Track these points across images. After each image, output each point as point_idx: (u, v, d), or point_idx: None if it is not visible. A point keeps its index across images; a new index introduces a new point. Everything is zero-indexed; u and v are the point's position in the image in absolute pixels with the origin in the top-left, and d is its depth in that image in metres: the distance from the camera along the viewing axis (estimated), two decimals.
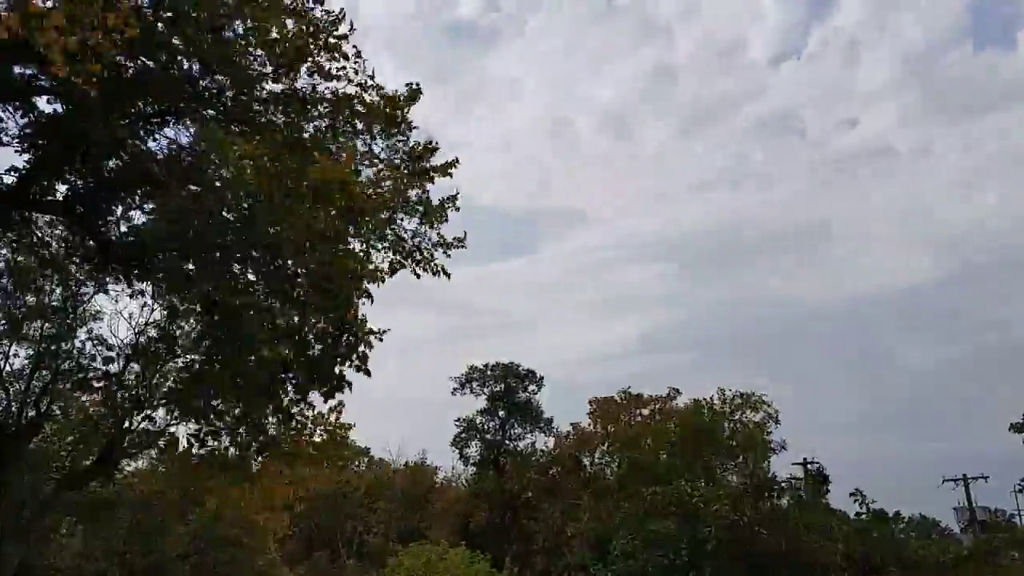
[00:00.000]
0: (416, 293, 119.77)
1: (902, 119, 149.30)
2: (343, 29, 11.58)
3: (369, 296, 11.16)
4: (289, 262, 10.45)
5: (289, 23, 10.91)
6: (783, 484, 17.99)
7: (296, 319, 10.31)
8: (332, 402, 12.04)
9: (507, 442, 52.50)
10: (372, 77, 11.89)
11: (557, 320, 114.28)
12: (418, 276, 12.08)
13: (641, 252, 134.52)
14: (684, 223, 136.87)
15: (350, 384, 11.24)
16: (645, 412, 51.21)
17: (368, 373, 11.07)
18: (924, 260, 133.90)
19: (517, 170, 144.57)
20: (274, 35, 10.69)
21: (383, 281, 11.34)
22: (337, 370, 11.07)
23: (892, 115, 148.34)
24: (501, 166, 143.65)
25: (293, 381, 11.39)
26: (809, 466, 33.11)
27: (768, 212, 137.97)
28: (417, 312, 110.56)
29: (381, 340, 11.27)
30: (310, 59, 11.39)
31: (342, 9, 11.70)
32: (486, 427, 52.80)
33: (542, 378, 53.54)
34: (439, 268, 12.23)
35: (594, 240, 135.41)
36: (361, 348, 11.04)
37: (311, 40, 11.23)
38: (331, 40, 11.43)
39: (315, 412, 12.17)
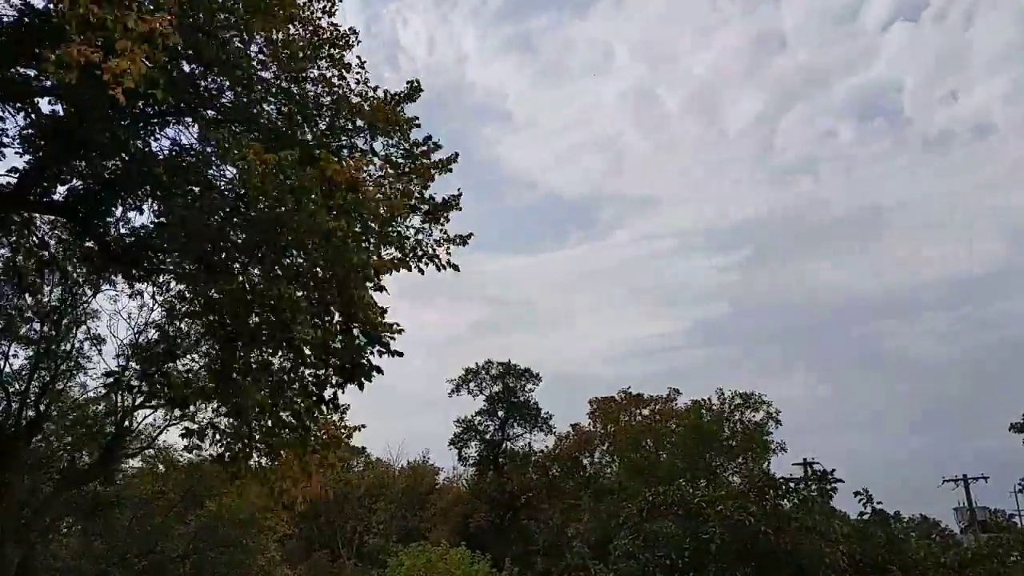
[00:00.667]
0: (452, 285, 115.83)
1: (1009, 92, 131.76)
2: (350, 42, 11.77)
3: (381, 288, 11.26)
4: (298, 258, 10.54)
5: (294, 29, 10.96)
6: (790, 484, 17.92)
7: (310, 316, 10.38)
8: (342, 397, 12.09)
9: (506, 442, 52.50)
10: (375, 88, 12.11)
11: (603, 312, 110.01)
12: (422, 272, 12.11)
13: (703, 241, 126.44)
14: (755, 211, 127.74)
15: (380, 370, 11.35)
16: (645, 412, 51.24)
17: (398, 354, 11.23)
18: (995, 248, 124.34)
19: (590, 149, 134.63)
20: (277, 37, 10.72)
21: (390, 272, 11.35)
22: (363, 359, 11.23)
23: (999, 87, 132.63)
24: (574, 145, 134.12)
25: (318, 372, 11.55)
26: (812, 467, 33.10)
27: (844, 197, 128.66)
28: (453, 304, 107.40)
29: (394, 338, 11.31)
30: (314, 69, 11.51)
31: (352, 28, 11.93)
32: (485, 427, 52.80)
33: (538, 375, 53.51)
34: (444, 264, 12.23)
35: (656, 228, 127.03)
36: (383, 337, 11.13)
37: (316, 50, 11.35)
38: (335, 51, 11.55)
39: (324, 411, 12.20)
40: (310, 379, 11.75)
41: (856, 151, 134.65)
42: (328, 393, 11.75)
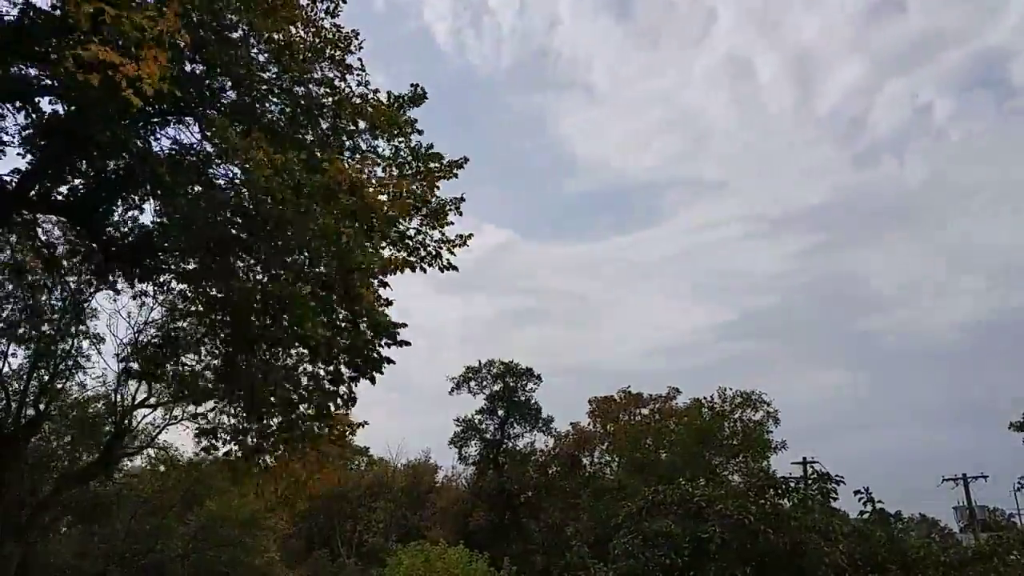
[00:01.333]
0: (493, 276, 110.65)
1: None
2: (352, 45, 11.83)
3: (384, 285, 11.52)
4: (302, 257, 10.67)
5: (295, 30, 10.97)
6: (789, 483, 17.90)
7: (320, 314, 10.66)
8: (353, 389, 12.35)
9: (506, 441, 52.43)
10: (376, 91, 12.18)
11: (648, 303, 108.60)
12: (425, 271, 12.17)
13: (761, 229, 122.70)
14: (826, 197, 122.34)
15: (391, 360, 11.65)
16: (645, 411, 51.25)
17: (405, 344, 11.52)
18: None
19: (668, 128, 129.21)
20: (278, 38, 10.72)
21: (394, 272, 11.60)
22: (373, 352, 11.54)
23: None
24: (652, 122, 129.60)
25: (329, 368, 11.83)
26: (812, 466, 33.11)
27: (922, 179, 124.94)
28: (492, 296, 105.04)
29: (399, 332, 11.58)
30: (317, 71, 11.56)
31: (355, 30, 11.96)
32: (485, 426, 52.72)
33: (539, 376, 53.43)
34: (446, 264, 12.29)
35: (717, 215, 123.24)
36: (391, 331, 11.43)
37: (318, 52, 11.40)
38: (337, 54, 11.61)
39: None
40: (323, 374, 12.04)
41: (950, 128, 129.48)
42: (343, 388, 12.03)
